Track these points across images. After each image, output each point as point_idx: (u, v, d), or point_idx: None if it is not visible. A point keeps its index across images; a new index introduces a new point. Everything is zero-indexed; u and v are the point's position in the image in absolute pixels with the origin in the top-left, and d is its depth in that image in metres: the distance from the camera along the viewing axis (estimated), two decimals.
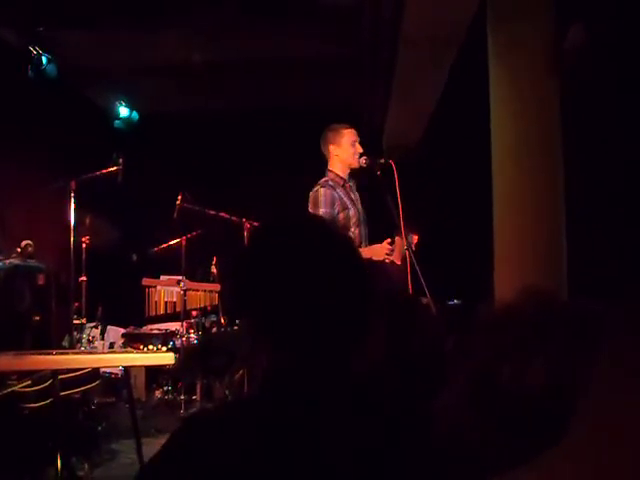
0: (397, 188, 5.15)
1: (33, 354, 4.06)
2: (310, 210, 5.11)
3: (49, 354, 4.27)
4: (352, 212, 5.15)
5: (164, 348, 4.26)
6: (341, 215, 5.09)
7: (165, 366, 6.28)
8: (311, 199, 5.14)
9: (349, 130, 5.30)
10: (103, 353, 5.10)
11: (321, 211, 5.02)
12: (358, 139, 5.32)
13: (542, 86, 3.58)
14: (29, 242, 5.63)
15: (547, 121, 3.55)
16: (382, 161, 5.30)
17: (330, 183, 5.19)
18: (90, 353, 4.96)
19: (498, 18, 3.76)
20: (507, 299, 1.00)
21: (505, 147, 3.72)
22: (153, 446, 5.36)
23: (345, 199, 5.16)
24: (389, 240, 5.05)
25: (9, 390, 4.63)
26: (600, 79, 4.28)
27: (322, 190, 5.10)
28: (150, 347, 4.22)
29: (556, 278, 3.45)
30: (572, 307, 0.96)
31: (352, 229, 5.10)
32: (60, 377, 4.59)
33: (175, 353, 5.09)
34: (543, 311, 0.95)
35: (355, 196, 5.32)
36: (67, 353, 4.66)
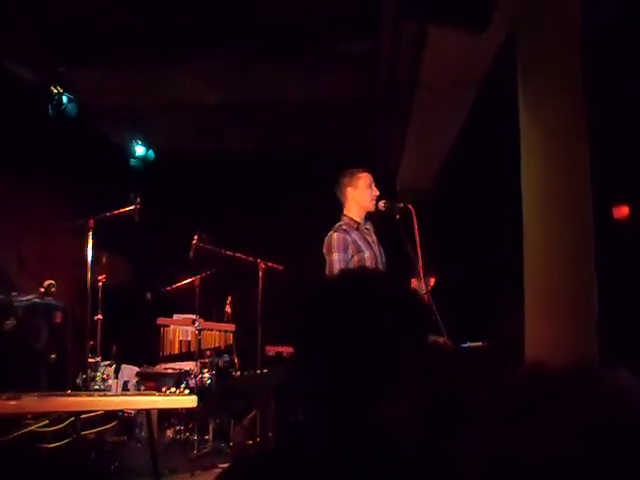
0: (416, 232, 5.18)
1: (54, 395, 4.07)
2: (325, 255, 5.17)
3: (65, 394, 4.28)
4: (368, 255, 5.17)
5: (186, 391, 4.24)
6: (355, 258, 5.13)
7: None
8: (325, 244, 5.20)
9: (365, 174, 5.37)
10: (126, 395, 5.09)
11: (335, 256, 5.07)
12: (374, 182, 5.37)
13: (571, 138, 3.63)
14: (52, 282, 5.67)
15: (577, 175, 3.59)
16: (401, 205, 5.33)
17: (344, 227, 5.25)
18: (112, 395, 4.95)
19: (528, 70, 3.81)
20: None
21: (535, 202, 3.76)
22: None
23: (360, 242, 5.19)
24: None
25: (27, 430, 4.62)
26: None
27: (335, 235, 5.15)
28: (173, 389, 4.22)
29: (585, 330, 3.47)
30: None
31: None
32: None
33: (190, 393, 5.08)
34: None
35: (372, 238, 5.35)
36: (81, 395, 4.66)
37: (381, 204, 5.31)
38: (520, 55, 3.86)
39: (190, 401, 4.18)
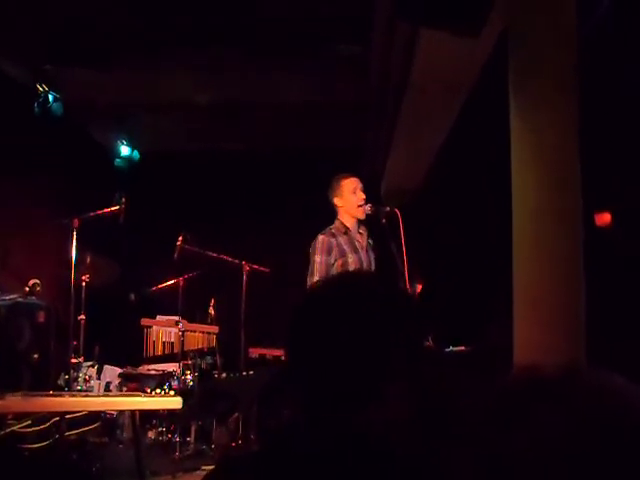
0: (402, 236, 5.19)
1: (39, 395, 4.04)
2: (310, 256, 5.24)
3: (48, 395, 4.26)
4: (351, 259, 5.21)
5: (172, 392, 4.23)
6: (339, 262, 5.20)
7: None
8: (311, 246, 5.27)
9: (348, 180, 5.37)
10: (111, 396, 5.06)
11: (317, 257, 5.17)
12: (360, 185, 5.37)
13: (563, 142, 3.64)
14: (37, 281, 5.64)
15: (568, 180, 3.61)
16: (387, 209, 5.34)
17: (332, 230, 5.31)
18: (98, 396, 4.92)
19: (520, 74, 3.82)
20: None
21: (525, 207, 3.78)
22: None
23: (345, 247, 5.23)
24: None
25: (9, 430, 4.59)
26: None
27: (320, 237, 5.24)
28: (158, 391, 4.20)
29: (574, 336, 3.49)
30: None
31: None
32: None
33: (175, 394, 5.05)
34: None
35: (362, 243, 5.36)
36: (66, 395, 4.63)
37: (367, 208, 5.31)
38: (512, 57, 3.85)
39: (175, 402, 4.17)
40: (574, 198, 3.61)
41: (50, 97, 7.03)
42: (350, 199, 5.32)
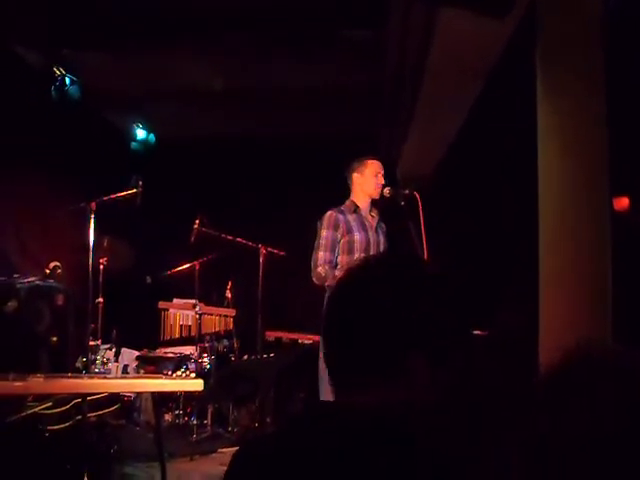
0: (421, 219, 5.18)
1: (61, 377, 4.06)
2: (317, 231, 5.28)
3: (67, 377, 4.28)
4: (358, 237, 5.22)
5: (192, 374, 4.24)
6: (345, 239, 5.21)
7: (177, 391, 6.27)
8: (319, 221, 5.31)
9: (373, 161, 5.37)
10: (131, 378, 5.08)
11: (323, 232, 5.21)
12: (382, 171, 5.37)
13: (590, 126, 3.62)
14: (57, 264, 5.66)
15: (595, 163, 3.58)
16: (406, 192, 5.32)
17: (342, 208, 5.34)
18: (119, 378, 4.94)
19: (547, 58, 3.78)
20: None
21: (552, 191, 3.74)
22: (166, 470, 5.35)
23: (353, 224, 5.24)
24: None
25: (30, 412, 4.61)
26: None
27: (328, 213, 5.27)
28: (179, 373, 4.21)
29: (601, 318, 3.47)
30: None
31: (356, 254, 5.16)
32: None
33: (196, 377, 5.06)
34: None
35: (372, 224, 5.35)
36: (88, 377, 4.66)
37: (386, 191, 5.31)
38: (539, 40, 3.81)
39: (196, 385, 4.18)
40: (601, 182, 3.59)
41: (67, 80, 7.00)
42: (370, 179, 5.32)
